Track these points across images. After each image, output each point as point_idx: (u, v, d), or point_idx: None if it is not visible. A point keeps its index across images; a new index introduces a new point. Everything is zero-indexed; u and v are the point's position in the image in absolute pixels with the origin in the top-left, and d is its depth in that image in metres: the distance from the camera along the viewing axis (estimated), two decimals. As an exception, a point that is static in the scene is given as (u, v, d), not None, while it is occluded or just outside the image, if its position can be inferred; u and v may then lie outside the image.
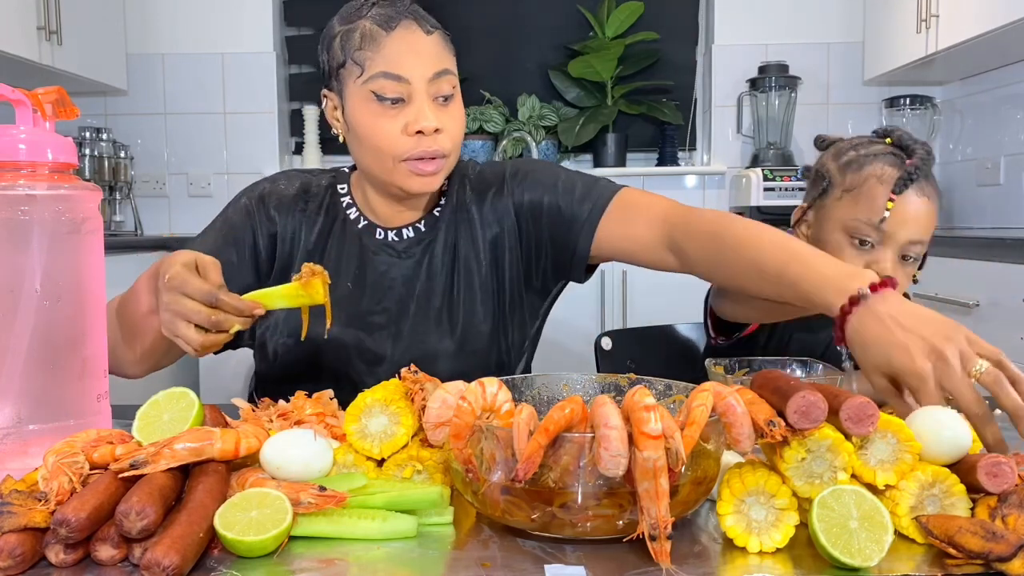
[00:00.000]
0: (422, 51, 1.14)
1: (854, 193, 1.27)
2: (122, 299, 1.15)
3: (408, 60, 1.13)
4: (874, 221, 1.24)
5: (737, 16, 3.53)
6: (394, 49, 1.13)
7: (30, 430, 0.81)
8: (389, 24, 1.14)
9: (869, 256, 1.26)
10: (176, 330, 0.94)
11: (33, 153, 0.82)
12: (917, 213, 1.25)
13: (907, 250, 1.26)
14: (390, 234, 1.27)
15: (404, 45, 1.13)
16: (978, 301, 2.07)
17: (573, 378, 0.89)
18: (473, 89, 3.59)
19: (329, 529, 0.70)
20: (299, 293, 0.94)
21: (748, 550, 0.67)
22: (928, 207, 1.26)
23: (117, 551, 0.64)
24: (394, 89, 1.13)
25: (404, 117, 1.14)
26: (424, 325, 1.25)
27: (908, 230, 1.25)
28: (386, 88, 1.13)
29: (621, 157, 3.55)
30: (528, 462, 0.65)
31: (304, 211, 1.27)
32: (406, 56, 1.13)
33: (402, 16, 1.15)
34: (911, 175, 1.24)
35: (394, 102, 1.14)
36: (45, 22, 2.80)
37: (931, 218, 1.27)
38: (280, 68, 3.61)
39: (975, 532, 0.63)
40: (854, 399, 0.68)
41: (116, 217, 3.38)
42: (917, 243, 1.26)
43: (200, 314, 0.92)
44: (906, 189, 1.23)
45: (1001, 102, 3.07)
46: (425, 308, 1.26)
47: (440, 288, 1.26)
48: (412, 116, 1.13)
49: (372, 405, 0.79)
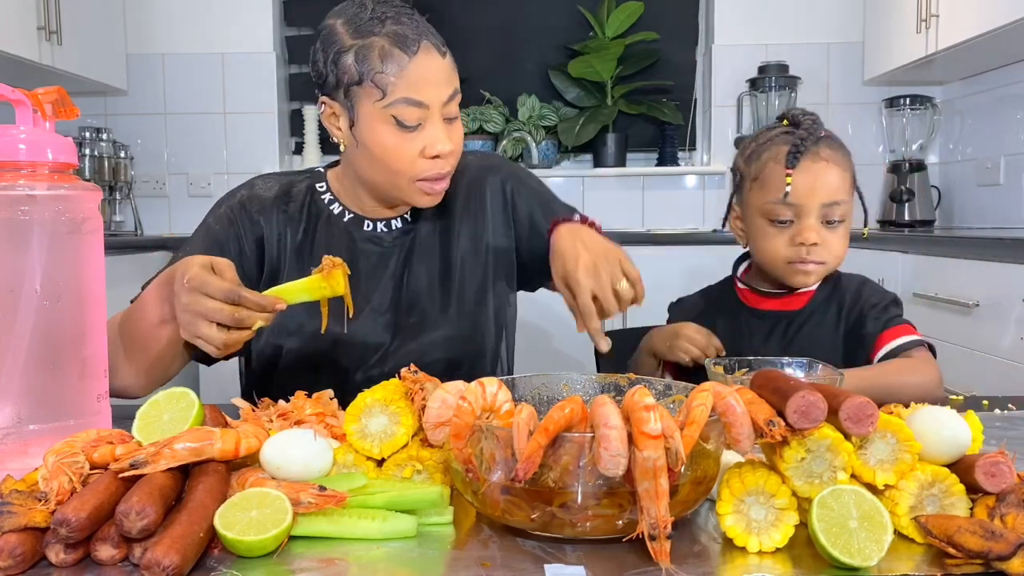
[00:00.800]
0: (440, 76, 1.16)
1: (760, 180, 1.34)
2: (124, 316, 1.13)
3: (429, 86, 1.15)
4: (780, 199, 1.29)
5: (737, 16, 3.53)
6: (417, 75, 1.14)
7: (30, 430, 0.81)
8: (410, 47, 1.13)
9: (792, 231, 1.30)
10: (198, 330, 0.94)
11: (33, 153, 0.82)
12: (819, 178, 1.29)
13: (827, 214, 1.30)
14: (378, 225, 1.29)
15: (425, 71, 1.14)
16: (978, 301, 2.07)
17: (573, 378, 0.89)
18: (473, 89, 3.59)
19: (329, 529, 0.70)
20: (321, 285, 0.95)
21: (748, 550, 0.67)
22: (829, 168, 1.30)
23: (117, 551, 0.64)
24: (415, 115, 1.14)
25: (421, 140, 1.16)
26: (415, 314, 1.27)
27: (817, 196, 1.29)
28: (407, 115, 1.14)
29: (621, 157, 3.56)
30: (528, 462, 0.65)
31: (286, 212, 1.28)
32: (427, 82, 1.14)
33: (421, 37, 1.15)
34: (798, 147, 1.29)
35: (410, 129, 1.15)
36: (45, 22, 2.80)
37: (839, 177, 1.31)
38: (280, 68, 3.61)
39: (974, 531, 0.63)
40: (854, 399, 0.68)
41: (116, 217, 3.38)
42: (833, 204, 1.30)
43: (222, 312, 0.93)
44: (798, 161, 1.29)
45: (1001, 102, 3.07)
46: (414, 297, 1.28)
47: (429, 275, 1.29)
48: (429, 140, 1.16)
49: (372, 405, 0.79)
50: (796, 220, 1.31)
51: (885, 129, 3.45)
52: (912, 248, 2.44)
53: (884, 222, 3.27)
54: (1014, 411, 1.11)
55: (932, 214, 3.23)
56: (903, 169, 3.21)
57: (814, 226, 1.30)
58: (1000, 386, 1.97)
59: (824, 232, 1.30)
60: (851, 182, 1.34)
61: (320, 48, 1.19)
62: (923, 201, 3.20)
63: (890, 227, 3.22)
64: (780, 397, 0.70)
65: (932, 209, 3.23)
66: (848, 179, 1.33)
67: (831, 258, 1.32)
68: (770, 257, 1.34)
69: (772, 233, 1.32)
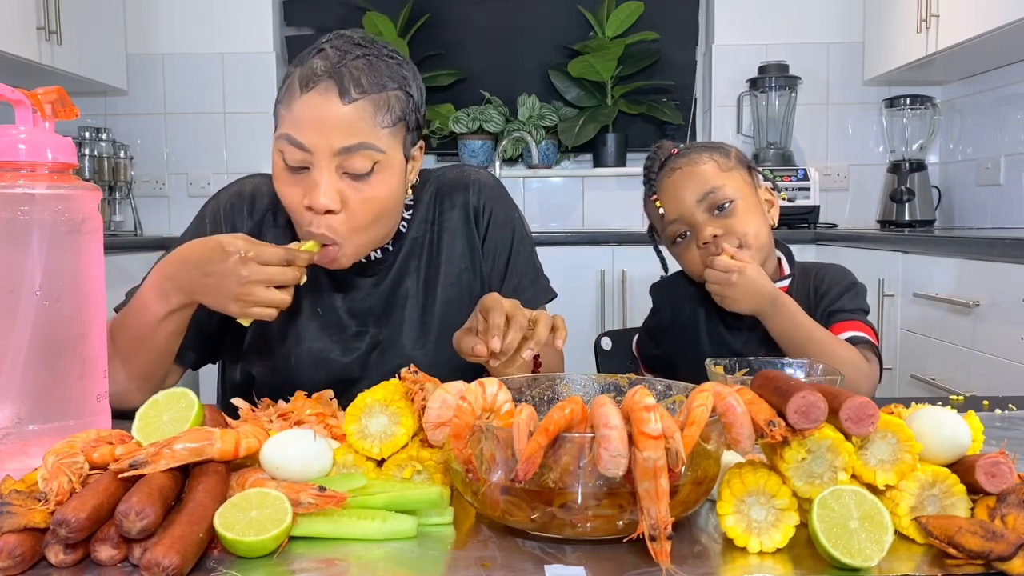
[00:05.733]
0: (331, 122, 1.04)
1: (654, 224, 1.44)
2: (116, 322, 1.12)
3: (313, 130, 1.04)
4: (665, 224, 1.36)
5: (737, 16, 3.53)
6: (301, 115, 1.05)
7: (30, 430, 0.81)
8: (307, 84, 1.05)
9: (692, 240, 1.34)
10: (258, 297, 1.01)
11: (33, 153, 0.82)
12: (678, 184, 1.34)
13: (710, 204, 1.32)
14: None
15: (312, 113, 1.04)
16: (978, 301, 2.07)
17: (573, 378, 0.89)
18: (473, 89, 3.60)
19: (329, 529, 0.70)
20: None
21: (748, 550, 0.67)
22: (685, 171, 1.34)
23: (117, 551, 0.64)
24: (295, 157, 1.06)
25: (304, 187, 1.06)
26: (396, 341, 1.24)
27: (685, 198, 1.33)
28: (288, 153, 1.06)
29: (621, 157, 3.56)
30: (528, 462, 0.65)
31: (275, 223, 1.25)
32: (311, 125, 1.04)
33: (325, 77, 1.04)
34: (648, 175, 1.39)
35: (296, 170, 1.07)
36: (45, 22, 2.80)
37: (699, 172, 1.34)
38: (280, 68, 3.61)
39: (975, 532, 0.63)
40: (854, 399, 0.68)
41: (116, 217, 3.38)
42: (708, 193, 1.32)
43: (285, 274, 1.01)
44: (654, 185, 1.37)
45: (1001, 102, 3.07)
46: (395, 324, 1.25)
47: (410, 304, 1.25)
48: (308, 189, 1.06)
49: (372, 405, 0.79)
50: (690, 229, 1.34)
51: (885, 129, 3.45)
52: (912, 248, 2.44)
53: (884, 222, 3.27)
54: (1014, 411, 1.11)
55: (932, 214, 3.23)
56: (903, 169, 3.21)
57: (704, 221, 1.31)
58: (1000, 386, 1.97)
59: (721, 221, 1.31)
60: (722, 167, 1.34)
61: None
62: (923, 201, 3.20)
63: (890, 227, 3.22)
64: (780, 397, 0.70)
65: (932, 209, 3.23)
66: (713, 166, 1.34)
67: (745, 236, 1.30)
68: (695, 272, 1.36)
69: (681, 251, 1.37)
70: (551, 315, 1.02)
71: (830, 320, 1.30)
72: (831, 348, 1.22)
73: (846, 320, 1.30)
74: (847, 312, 1.32)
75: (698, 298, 1.39)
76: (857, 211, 3.55)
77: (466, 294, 1.27)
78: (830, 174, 3.54)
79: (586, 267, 2.97)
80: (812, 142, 3.58)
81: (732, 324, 1.38)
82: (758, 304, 1.25)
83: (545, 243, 2.83)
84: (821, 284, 1.36)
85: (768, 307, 1.24)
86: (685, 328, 1.41)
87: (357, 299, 1.24)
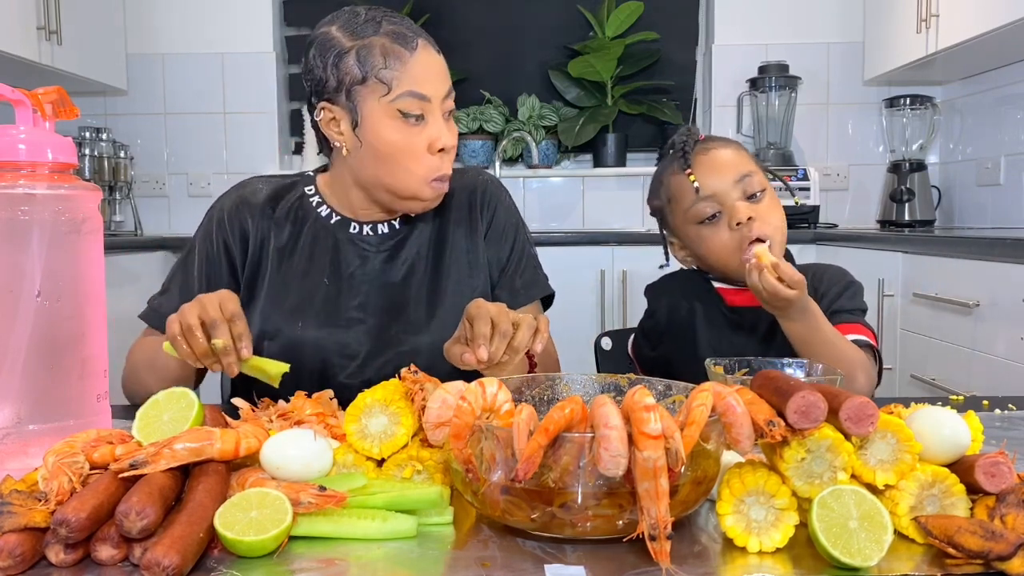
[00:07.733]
0: (439, 71, 1.21)
1: (673, 198, 1.36)
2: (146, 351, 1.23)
3: (430, 80, 1.19)
4: (696, 197, 1.31)
5: (737, 16, 3.53)
6: (418, 70, 1.18)
7: (30, 430, 0.81)
8: (409, 44, 1.18)
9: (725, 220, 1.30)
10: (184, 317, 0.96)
11: (33, 153, 0.82)
12: (716, 160, 1.32)
13: (745, 189, 1.30)
14: (365, 228, 1.30)
15: (425, 66, 1.19)
16: (978, 301, 2.07)
17: (573, 378, 0.89)
18: (473, 89, 3.59)
19: (329, 529, 0.70)
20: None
21: (748, 550, 0.67)
22: (722, 151, 1.33)
23: (117, 551, 0.64)
24: (419, 107, 1.18)
25: (426, 135, 1.19)
26: (400, 320, 1.27)
27: (725, 174, 1.30)
28: (412, 107, 1.18)
29: (621, 157, 3.56)
30: (528, 462, 0.65)
31: (273, 216, 1.31)
32: (428, 77, 1.19)
33: (417, 35, 1.20)
34: (685, 149, 1.34)
35: (417, 119, 1.19)
36: (45, 22, 2.80)
37: (735, 154, 1.33)
38: (280, 68, 3.61)
39: (974, 532, 0.63)
40: (854, 399, 0.68)
41: (116, 217, 3.38)
42: (745, 176, 1.30)
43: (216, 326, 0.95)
44: (691, 158, 1.33)
45: (1001, 102, 3.07)
46: (401, 303, 1.28)
47: (415, 283, 1.29)
48: (434, 134, 1.19)
49: (372, 405, 0.79)
50: (722, 209, 1.30)
51: (885, 129, 3.45)
52: (912, 248, 2.44)
53: (884, 222, 3.27)
54: (1014, 411, 1.11)
55: (932, 214, 3.23)
56: (903, 169, 3.21)
57: (739, 203, 1.29)
58: (1000, 386, 1.97)
59: (752, 207, 1.29)
60: (752, 159, 1.35)
61: (317, 54, 1.20)
62: (923, 201, 3.20)
63: (890, 227, 3.22)
64: (780, 397, 0.70)
65: (932, 209, 3.23)
66: (746, 155, 1.34)
67: (771, 230, 1.29)
68: (721, 257, 1.32)
69: (709, 233, 1.31)
70: (535, 318, 1.03)
71: (831, 321, 1.30)
72: (843, 351, 1.22)
73: (847, 322, 1.30)
74: (847, 313, 1.32)
75: (694, 298, 1.39)
76: (857, 211, 3.56)
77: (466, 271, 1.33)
78: (830, 174, 3.54)
79: (586, 267, 2.97)
80: (812, 142, 3.58)
81: (730, 325, 1.38)
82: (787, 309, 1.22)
83: (545, 243, 2.83)
84: (820, 284, 1.36)
85: (796, 312, 1.22)
86: (681, 329, 1.41)
87: (367, 271, 1.29)
